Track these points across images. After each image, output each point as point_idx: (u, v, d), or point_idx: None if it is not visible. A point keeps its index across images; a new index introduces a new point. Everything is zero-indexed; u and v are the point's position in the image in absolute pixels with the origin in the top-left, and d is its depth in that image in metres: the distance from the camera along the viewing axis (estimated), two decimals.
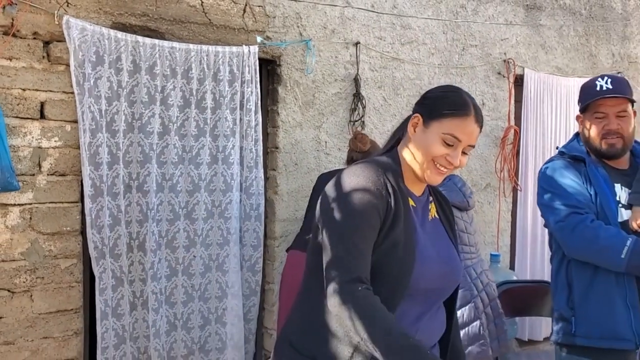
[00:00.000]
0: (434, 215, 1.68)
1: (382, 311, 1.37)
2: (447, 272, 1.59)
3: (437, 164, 1.54)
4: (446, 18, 4.01)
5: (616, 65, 4.82)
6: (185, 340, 3.20)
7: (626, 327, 1.93)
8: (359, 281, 1.39)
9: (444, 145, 1.52)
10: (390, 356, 1.33)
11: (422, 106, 1.59)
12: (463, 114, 1.52)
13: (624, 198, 2.06)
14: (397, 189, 1.54)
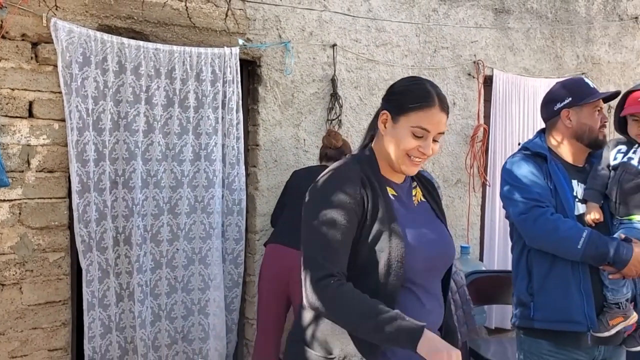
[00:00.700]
0: (420, 199, 1.74)
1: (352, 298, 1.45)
2: (440, 251, 1.65)
3: (411, 157, 1.61)
4: (419, 21, 4.18)
5: (580, 66, 5.05)
6: (169, 330, 3.33)
7: (579, 311, 2.10)
8: (330, 276, 1.48)
9: (414, 137, 1.59)
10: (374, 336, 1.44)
11: (389, 102, 1.66)
12: (427, 106, 1.58)
13: (580, 193, 2.23)
14: (375, 182, 1.61)
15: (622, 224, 2.17)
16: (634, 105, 2.19)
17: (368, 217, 1.56)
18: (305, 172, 3.45)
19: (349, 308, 1.46)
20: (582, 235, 2.06)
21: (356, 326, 1.48)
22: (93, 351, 3.07)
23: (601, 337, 2.10)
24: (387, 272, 1.53)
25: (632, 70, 5.33)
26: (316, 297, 1.49)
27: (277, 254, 3.25)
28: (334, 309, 1.49)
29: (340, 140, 3.50)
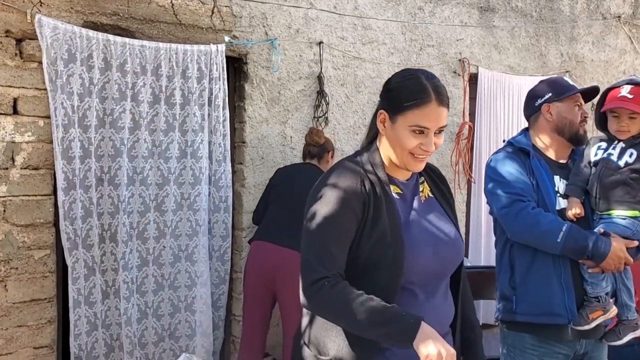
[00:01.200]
0: (428, 195, 1.69)
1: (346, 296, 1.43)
2: (445, 252, 1.59)
3: (414, 155, 1.56)
4: (405, 19, 4.21)
5: (564, 64, 5.10)
6: (156, 327, 3.33)
7: (560, 304, 2.13)
8: (323, 278, 1.45)
9: (415, 136, 1.53)
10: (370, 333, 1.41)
11: (386, 100, 1.59)
12: (423, 102, 1.51)
13: (561, 189, 2.26)
14: (378, 181, 1.57)
15: (602, 218, 2.21)
16: (614, 101, 2.23)
17: (369, 217, 1.53)
18: (289, 170, 3.47)
19: (343, 306, 1.43)
20: (562, 229, 2.10)
21: (352, 324, 1.45)
22: (79, 349, 3.07)
23: (581, 331, 2.14)
24: (386, 273, 1.50)
25: (615, 69, 5.39)
26: (310, 300, 1.48)
27: (261, 251, 3.27)
28: (328, 309, 1.48)
29: (322, 138, 3.53)
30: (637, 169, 2.18)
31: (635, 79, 2.27)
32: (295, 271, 3.17)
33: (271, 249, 3.22)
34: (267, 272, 3.22)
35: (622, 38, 5.47)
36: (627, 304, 2.24)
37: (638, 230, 2.17)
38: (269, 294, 3.28)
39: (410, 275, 1.52)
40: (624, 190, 2.18)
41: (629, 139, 2.23)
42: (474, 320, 1.79)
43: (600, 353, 2.28)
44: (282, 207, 3.31)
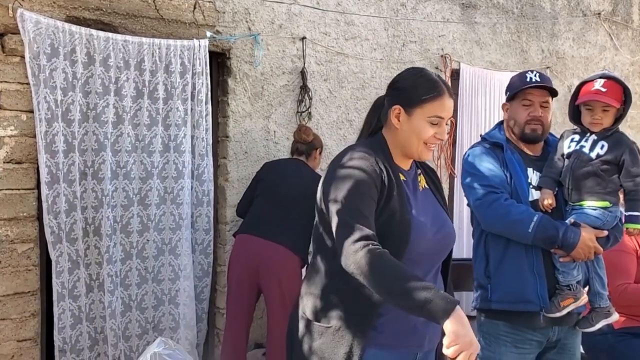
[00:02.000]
0: (424, 186, 1.84)
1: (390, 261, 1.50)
2: (441, 236, 1.74)
3: (427, 144, 1.72)
4: (387, 15, 4.26)
5: (545, 60, 5.18)
6: (140, 320, 3.36)
7: (533, 292, 2.20)
8: (367, 238, 1.54)
9: (432, 126, 1.70)
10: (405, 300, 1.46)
11: (399, 97, 1.74)
12: (439, 95, 1.70)
13: (534, 180, 2.33)
14: (389, 165, 1.71)
15: (574, 209, 2.28)
16: (588, 95, 2.29)
17: (384, 196, 1.66)
18: (276, 165, 3.51)
19: (388, 270, 1.49)
20: (533, 219, 2.16)
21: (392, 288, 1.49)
22: (63, 342, 3.09)
23: (554, 318, 2.20)
24: (390, 249, 1.58)
25: (595, 65, 5.48)
26: (354, 255, 1.53)
27: (246, 245, 3.31)
28: (372, 268, 1.51)
29: (310, 135, 3.57)
30: (608, 161, 2.25)
31: (608, 73, 2.34)
32: (279, 265, 3.23)
33: (256, 242, 3.26)
34: (252, 265, 3.26)
35: (602, 35, 5.56)
36: (600, 292, 2.30)
37: (608, 220, 2.24)
38: (254, 287, 3.32)
39: (411, 253, 1.64)
40: (595, 182, 2.25)
41: (601, 132, 2.30)
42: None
43: (573, 340, 2.35)
44: (268, 201, 3.35)
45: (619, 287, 2.87)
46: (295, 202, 3.26)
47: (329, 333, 1.68)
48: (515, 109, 2.35)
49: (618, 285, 2.88)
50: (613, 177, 2.26)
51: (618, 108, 2.29)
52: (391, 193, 1.66)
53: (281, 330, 3.20)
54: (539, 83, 2.30)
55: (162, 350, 1.44)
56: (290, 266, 3.23)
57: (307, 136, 3.54)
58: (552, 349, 2.31)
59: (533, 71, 2.38)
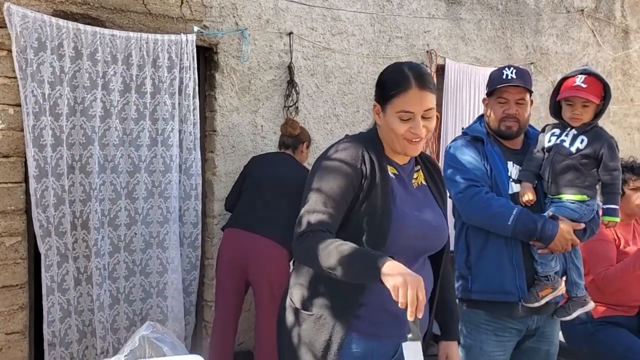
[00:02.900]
0: (421, 183, 1.83)
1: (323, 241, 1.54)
2: (429, 233, 1.74)
3: (408, 139, 1.69)
4: (373, 11, 4.30)
5: (529, 56, 5.25)
6: (128, 312, 3.39)
7: (512, 283, 2.26)
8: (309, 231, 1.59)
9: (403, 122, 1.67)
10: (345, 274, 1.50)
11: (377, 94, 1.77)
12: (404, 90, 1.66)
13: (514, 174, 2.38)
14: (376, 160, 1.71)
15: (553, 202, 2.34)
16: (568, 90, 2.35)
17: (364, 190, 1.66)
18: (264, 159, 3.54)
19: (319, 251, 1.54)
20: (513, 212, 2.22)
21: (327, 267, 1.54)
22: (52, 335, 3.11)
23: (532, 307, 2.26)
24: (371, 241, 1.63)
25: (578, 61, 5.55)
26: (296, 251, 1.64)
27: (234, 238, 3.34)
28: (308, 256, 1.59)
29: (297, 129, 3.60)
30: (587, 155, 2.31)
31: (588, 69, 2.39)
32: (267, 259, 3.27)
33: (244, 236, 3.30)
34: (240, 259, 3.30)
35: (585, 31, 5.64)
36: (577, 282, 2.37)
37: (585, 213, 2.30)
38: (242, 281, 3.36)
39: (392, 247, 1.64)
40: (574, 175, 2.31)
41: (581, 126, 2.35)
42: (452, 305, 1.94)
43: (551, 328, 2.41)
44: (256, 195, 3.39)
45: (600, 273, 2.95)
46: (283, 196, 3.30)
47: (310, 320, 1.72)
48: (492, 105, 2.41)
49: (600, 271, 2.95)
50: (592, 171, 2.32)
51: (598, 104, 2.34)
52: (373, 185, 1.68)
53: (269, 323, 3.27)
54: (514, 81, 2.34)
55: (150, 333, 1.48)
56: (279, 259, 3.27)
57: (293, 130, 3.57)
58: (532, 337, 2.37)
59: (510, 67, 2.41)
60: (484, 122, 2.50)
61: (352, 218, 1.67)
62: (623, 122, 5.96)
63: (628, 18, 5.97)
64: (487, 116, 2.46)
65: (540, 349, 2.40)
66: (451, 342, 1.91)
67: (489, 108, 2.45)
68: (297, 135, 3.57)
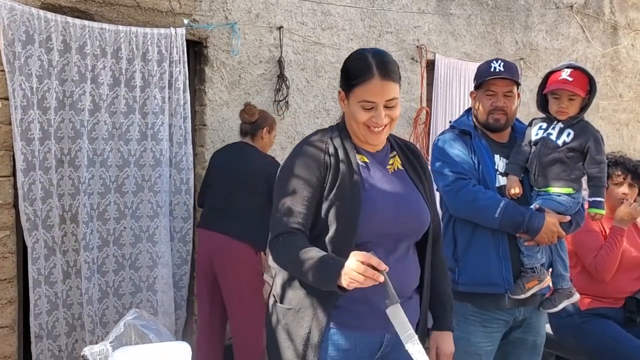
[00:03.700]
0: (398, 167, 1.80)
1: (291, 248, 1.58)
2: (404, 217, 1.71)
3: (370, 128, 1.68)
4: (364, 6, 4.30)
5: (519, 52, 5.27)
6: (117, 306, 3.39)
7: (498, 275, 2.28)
8: (279, 234, 1.62)
9: (365, 111, 1.66)
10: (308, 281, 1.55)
11: (341, 81, 1.75)
12: (366, 79, 1.64)
13: (501, 167, 2.40)
14: (342, 149, 1.71)
15: (540, 195, 2.36)
16: (555, 84, 2.36)
17: (330, 181, 1.66)
18: (222, 153, 3.48)
19: (289, 257, 1.59)
20: (500, 205, 2.23)
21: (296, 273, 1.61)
22: (39, 327, 3.11)
23: (518, 299, 2.28)
24: (341, 232, 1.63)
25: (567, 56, 5.59)
26: (272, 255, 1.67)
27: (202, 238, 3.41)
28: (281, 261, 1.66)
29: (255, 115, 3.44)
30: (573, 148, 2.33)
31: (574, 64, 2.41)
32: (230, 257, 3.26)
33: (208, 236, 3.34)
34: (207, 259, 3.34)
35: (575, 27, 5.67)
36: (562, 274, 2.40)
37: (571, 206, 2.32)
38: (215, 280, 3.37)
39: (365, 234, 1.65)
40: (560, 168, 2.33)
41: (567, 120, 2.37)
42: (445, 295, 1.89)
43: (538, 319, 2.44)
44: (217, 192, 3.39)
45: (591, 264, 2.98)
46: (240, 189, 3.27)
47: (290, 314, 1.71)
48: (480, 98, 2.42)
49: (590, 262, 2.98)
50: (578, 164, 2.35)
51: (584, 97, 2.37)
52: (337, 175, 1.67)
53: (241, 321, 3.28)
54: (502, 73, 2.36)
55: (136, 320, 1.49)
56: (242, 256, 3.26)
57: (250, 116, 3.43)
58: (519, 328, 2.40)
59: (498, 60, 2.42)
60: (471, 115, 2.51)
61: (322, 210, 1.67)
62: (612, 118, 6.00)
63: (617, 14, 6.01)
64: (475, 109, 2.47)
65: (527, 340, 2.42)
66: (444, 332, 1.88)
67: (477, 101, 2.46)
68: (255, 121, 3.43)
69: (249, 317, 3.27)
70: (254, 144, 3.44)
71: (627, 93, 6.19)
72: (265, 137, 3.48)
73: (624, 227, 2.96)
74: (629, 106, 6.19)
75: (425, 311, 1.83)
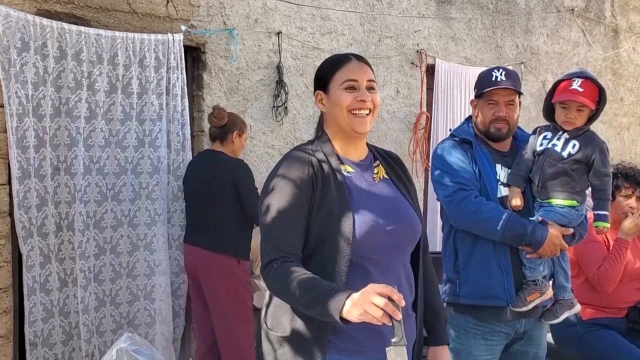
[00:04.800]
0: (383, 176, 1.76)
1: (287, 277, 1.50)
2: (398, 227, 1.65)
3: (354, 112, 1.65)
4: (363, 11, 4.27)
5: (520, 56, 5.24)
6: (114, 315, 3.35)
7: (500, 287, 2.23)
8: (272, 261, 1.55)
9: (348, 93, 1.66)
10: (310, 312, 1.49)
11: (317, 83, 1.75)
12: (345, 62, 1.70)
13: (503, 177, 2.36)
14: (327, 163, 1.66)
15: (542, 206, 2.32)
16: (565, 93, 2.31)
17: (317, 197, 1.61)
18: (192, 164, 3.42)
19: (285, 287, 1.51)
20: (502, 217, 2.19)
21: (294, 304, 1.55)
22: (34, 335, 3.07)
23: (520, 311, 2.25)
24: (336, 248, 1.57)
25: (568, 60, 5.56)
26: (265, 283, 1.59)
27: (186, 252, 3.42)
28: (276, 290, 1.58)
29: (223, 118, 3.33)
30: (578, 160, 2.28)
31: (585, 73, 2.36)
32: (211, 271, 3.20)
33: (190, 250, 3.35)
34: (192, 272, 3.35)
35: (576, 31, 5.64)
36: (564, 285, 2.36)
37: (574, 218, 2.28)
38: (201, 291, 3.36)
39: (360, 249, 1.58)
40: (564, 181, 2.28)
41: (573, 130, 2.32)
42: (438, 307, 1.84)
43: (539, 331, 2.40)
44: (191, 205, 3.40)
45: (594, 275, 2.94)
46: (214, 199, 3.22)
47: (286, 344, 1.63)
48: (481, 107, 2.39)
49: (593, 273, 2.95)
50: (582, 176, 2.31)
51: (592, 109, 2.33)
52: (327, 192, 1.62)
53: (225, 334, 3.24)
54: (504, 83, 2.32)
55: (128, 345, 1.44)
56: (224, 269, 3.21)
57: (219, 120, 3.32)
58: (520, 340, 2.36)
59: (499, 69, 2.39)
60: (472, 123, 2.47)
61: (313, 228, 1.61)
62: (613, 122, 5.97)
63: (618, 17, 5.98)
64: (476, 118, 2.44)
65: (528, 352, 2.38)
66: (440, 346, 1.83)
67: (478, 110, 2.42)
68: (224, 125, 3.33)
69: (234, 330, 3.24)
70: (224, 149, 3.35)
71: (628, 97, 6.15)
72: (235, 141, 3.38)
73: (629, 240, 2.93)
74: (630, 110, 6.15)
75: (421, 326, 1.77)
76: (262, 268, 1.59)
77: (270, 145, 3.91)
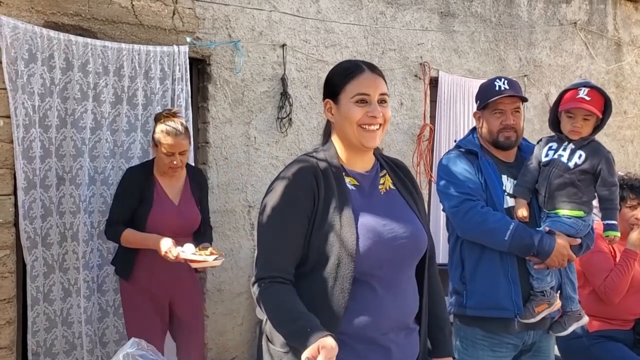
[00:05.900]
0: (389, 187, 1.71)
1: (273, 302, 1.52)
2: (404, 241, 1.61)
3: (364, 127, 1.61)
4: (367, 24, 4.30)
5: (523, 68, 5.26)
6: (117, 326, 3.33)
7: (507, 298, 2.23)
8: (260, 279, 1.55)
9: (359, 107, 1.61)
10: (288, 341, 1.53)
11: (326, 91, 1.70)
12: (357, 73, 1.63)
13: (509, 187, 2.36)
14: (332, 174, 1.61)
15: (549, 217, 2.31)
16: (572, 102, 2.31)
17: (319, 210, 1.57)
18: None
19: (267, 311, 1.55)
20: (509, 227, 2.19)
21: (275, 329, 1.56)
22: (37, 345, 3.06)
23: (528, 323, 2.23)
24: (338, 264, 1.53)
25: (571, 73, 5.58)
26: (256, 300, 1.59)
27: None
28: (264, 310, 1.58)
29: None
30: (585, 170, 2.28)
31: (591, 83, 2.37)
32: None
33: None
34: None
35: (578, 44, 5.66)
36: (571, 296, 2.35)
37: (581, 229, 2.28)
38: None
39: (364, 265, 1.54)
40: (571, 192, 2.28)
41: (578, 141, 2.32)
42: (443, 319, 1.80)
43: (547, 343, 2.39)
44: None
45: (601, 286, 2.93)
46: None
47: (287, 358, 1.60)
48: (487, 118, 2.39)
49: (599, 284, 2.94)
50: (589, 187, 2.30)
51: (597, 118, 2.33)
52: (330, 205, 1.58)
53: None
54: (508, 91, 2.33)
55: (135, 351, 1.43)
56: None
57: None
58: (528, 352, 2.34)
59: (501, 78, 2.39)
60: (477, 134, 2.47)
61: (314, 243, 1.57)
62: (617, 135, 5.97)
63: (620, 31, 6.00)
64: (480, 129, 2.44)
65: None
66: (444, 359, 1.80)
67: (483, 121, 2.42)
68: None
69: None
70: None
71: (632, 110, 6.16)
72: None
73: (637, 251, 2.92)
74: (634, 123, 6.16)
75: (424, 340, 1.74)
76: (252, 283, 1.59)
77: (274, 156, 3.92)
